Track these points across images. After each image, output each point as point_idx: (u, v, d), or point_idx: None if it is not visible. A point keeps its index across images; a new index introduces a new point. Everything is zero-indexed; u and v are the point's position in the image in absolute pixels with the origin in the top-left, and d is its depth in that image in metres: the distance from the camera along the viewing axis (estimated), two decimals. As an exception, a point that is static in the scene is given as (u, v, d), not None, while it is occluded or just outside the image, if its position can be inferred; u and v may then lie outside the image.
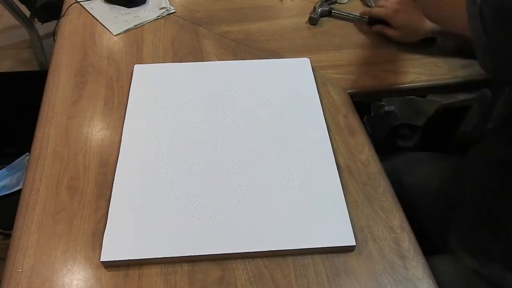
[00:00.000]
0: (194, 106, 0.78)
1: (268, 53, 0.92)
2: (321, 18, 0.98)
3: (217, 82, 0.83)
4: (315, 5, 0.99)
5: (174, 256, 0.59)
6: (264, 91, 0.81)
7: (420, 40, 0.90)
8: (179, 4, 1.05)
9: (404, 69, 0.89)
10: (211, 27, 0.98)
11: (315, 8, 0.98)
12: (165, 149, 0.71)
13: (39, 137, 0.74)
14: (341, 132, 0.76)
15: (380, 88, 0.86)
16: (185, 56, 0.90)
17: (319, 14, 0.97)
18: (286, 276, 0.58)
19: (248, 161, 0.70)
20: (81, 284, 0.57)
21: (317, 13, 0.97)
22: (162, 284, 0.57)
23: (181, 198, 0.65)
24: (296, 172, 0.68)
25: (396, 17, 0.88)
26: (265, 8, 1.05)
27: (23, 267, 0.58)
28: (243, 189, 0.66)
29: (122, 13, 1.01)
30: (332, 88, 0.84)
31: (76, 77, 0.84)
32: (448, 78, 0.88)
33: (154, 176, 0.67)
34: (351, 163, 0.71)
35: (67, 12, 1.01)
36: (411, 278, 0.58)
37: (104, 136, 0.74)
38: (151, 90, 0.81)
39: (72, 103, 0.79)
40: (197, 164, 0.69)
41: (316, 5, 0.99)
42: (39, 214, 0.63)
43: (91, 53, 0.90)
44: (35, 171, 0.69)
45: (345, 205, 0.64)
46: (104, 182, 0.67)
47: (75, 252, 0.60)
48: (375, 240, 0.62)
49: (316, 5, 0.99)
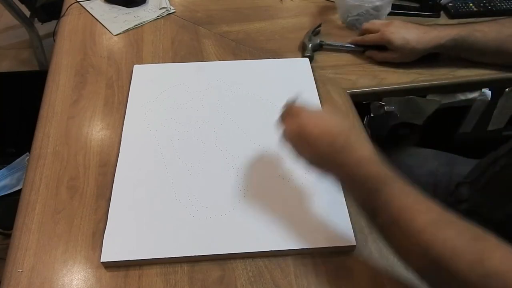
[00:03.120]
0: (194, 106, 0.78)
1: (268, 53, 0.92)
2: (314, 52, 0.91)
3: (217, 82, 0.83)
4: (304, 41, 0.92)
5: (174, 256, 0.59)
6: (264, 91, 0.81)
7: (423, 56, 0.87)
8: (179, 4, 1.05)
9: (404, 69, 0.89)
10: (211, 27, 0.98)
11: (305, 45, 0.91)
12: (165, 149, 0.71)
13: (39, 137, 0.74)
14: (341, 132, 0.76)
15: (380, 88, 0.86)
16: (185, 56, 0.90)
17: (311, 50, 0.90)
18: (286, 276, 0.58)
19: (248, 161, 0.70)
20: (81, 284, 0.57)
21: (309, 50, 0.90)
22: (162, 284, 0.57)
23: (181, 198, 0.65)
24: (296, 172, 0.68)
25: (392, 40, 0.84)
26: (265, 8, 1.05)
27: (23, 267, 0.58)
28: (243, 189, 0.66)
29: (122, 13, 1.01)
30: (332, 88, 0.84)
31: (76, 77, 0.84)
32: (448, 78, 0.88)
33: (154, 176, 0.67)
34: (351, 163, 0.71)
35: (67, 12, 1.01)
36: (411, 278, 0.58)
37: (104, 136, 0.74)
38: (151, 90, 0.81)
39: (72, 103, 0.79)
40: (197, 164, 0.69)
41: (304, 41, 0.92)
42: (39, 214, 0.63)
43: (91, 53, 0.90)
44: (35, 171, 0.69)
45: (345, 205, 0.64)
46: (104, 182, 0.67)
47: (75, 252, 0.60)
48: (375, 240, 0.62)
49: (304, 41, 0.92)
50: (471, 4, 1.03)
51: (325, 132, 0.54)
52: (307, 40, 0.92)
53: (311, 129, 0.55)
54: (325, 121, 0.56)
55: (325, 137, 0.54)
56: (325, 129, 0.55)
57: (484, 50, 0.82)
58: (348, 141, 0.53)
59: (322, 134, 0.54)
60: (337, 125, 0.56)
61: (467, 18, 1.02)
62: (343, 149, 0.53)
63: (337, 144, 0.53)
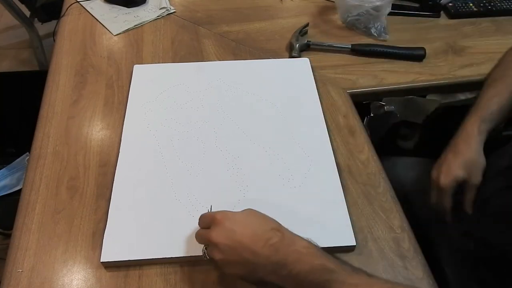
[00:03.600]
0: (194, 106, 0.78)
1: (268, 53, 0.92)
2: (301, 52, 0.91)
3: (217, 82, 0.83)
4: (291, 42, 0.91)
5: (174, 256, 0.59)
6: (264, 91, 0.81)
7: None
8: (179, 4, 1.05)
9: (404, 69, 0.89)
10: (211, 27, 0.98)
11: (292, 45, 0.91)
12: (165, 149, 0.71)
13: (39, 137, 0.74)
14: (341, 132, 0.76)
15: (380, 88, 0.86)
16: (185, 56, 0.90)
17: (298, 50, 0.90)
18: (286, 276, 0.58)
19: (248, 161, 0.70)
20: (81, 284, 0.57)
21: (296, 50, 0.90)
22: (162, 284, 0.57)
23: (181, 198, 0.65)
24: (296, 172, 0.68)
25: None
26: (265, 8, 1.05)
27: (23, 267, 0.58)
28: (243, 189, 0.66)
29: (122, 13, 1.01)
30: (332, 88, 0.84)
31: (76, 77, 0.84)
32: (448, 78, 0.88)
33: (154, 176, 0.67)
34: (351, 163, 0.71)
35: (67, 12, 1.01)
36: (411, 278, 0.58)
37: (104, 136, 0.74)
38: (151, 90, 0.81)
39: (72, 103, 0.79)
40: (197, 164, 0.69)
41: (292, 41, 0.92)
42: (39, 214, 0.63)
43: (91, 53, 0.90)
44: (35, 171, 0.69)
45: (345, 205, 0.64)
46: (104, 182, 0.67)
47: (75, 252, 0.60)
48: (375, 240, 0.62)
49: (292, 41, 0.92)
50: (471, 4, 1.03)
51: (256, 235, 0.50)
52: (294, 40, 0.92)
53: (240, 236, 0.49)
54: (252, 224, 0.51)
55: (258, 241, 0.49)
56: (256, 232, 0.50)
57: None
58: (283, 238, 0.50)
59: (253, 239, 0.49)
60: (266, 225, 0.51)
61: (467, 18, 1.02)
62: (280, 246, 0.49)
63: (273, 243, 0.49)
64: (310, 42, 0.91)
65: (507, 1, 1.04)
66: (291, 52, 0.91)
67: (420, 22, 1.02)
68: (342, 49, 0.92)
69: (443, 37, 0.97)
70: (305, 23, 0.96)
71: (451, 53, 0.93)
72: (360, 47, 0.91)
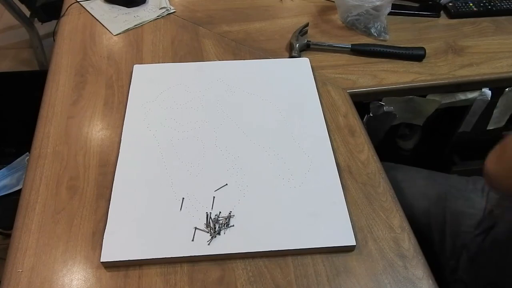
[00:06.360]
0: (194, 106, 0.78)
1: (268, 53, 0.92)
2: (300, 52, 0.91)
3: (217, 82, 0.83)
4: (291, 42, 0.92)
5: (174, 256, 0.59)
6: (264, 91, 0.81)
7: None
8: (179, 4, 1.05)
9: (404, 69, 0.89)
10: (211, 27, 0.98)
11: (292, 45, 0.91)
12: (165, 149, 0.71)
13: (39, 137, 0.74)
14: (341, 132, 0.76)
15: (380, 88, 0.86)
16: (185, 56, 0.90)
17: (298, 49, 0.90)
18: (286, 276, 0.58)
19: (248, 161, 0.70)
20: (81, 284, 0.57)
21: (296, 50, 0.90)
22: (162, 284, 0.57)
23: (181, 198, 0.65)
24: (296, 172, 0.68)
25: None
26: (265, 8, 1.05)
27: (23, 267, 0.58)
28: (243, 189, 0.66)
29: (122, 13, 1.01)
30: (332, 88, 0.84)
31: (76, 77, 0.84)
32: (448, 78, 0.88)
33: (154, 176, 0.67)
34: (351, 163, 0.71)
35: (67, 12, 1.01)
36: (411, 278, 0.58)
37: (104, 136, 0.74)
38: (151, 90, 0.81)
39: (72, 103, 0.79)
40: (197, 164, 0.69)
41: (291, 41, 0.92)
42: (39, 214, 0.63)
43: (91, 53, 0.90)
44: (35, 171, 0.69)
45: (345, 205, 0.64)
46: (104, 182, 0.67)
47: (75, 252, 0.60)
48: (375, 240, 0.62)
49: (291, 41, 0.92)
50: (471, 4, 1.03)
51: None
52: (294, 40, 0.92)
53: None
54: None
55: None
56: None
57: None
58: None
59: None
60: None
61: (467, 18, 1.02)
62: None
63: None
64: (310, 42, 0.92)
65: (507, 1, 1.04)
66: (291, 52, 0.91)
67: (420, 22, 1.02)
68: (342, 49, 0.92)
69: (443, 37, 0.97)
70: (305, 23, 0.96)
71: (451, 53, 0.93)
72: (360, 47, 0.91)
